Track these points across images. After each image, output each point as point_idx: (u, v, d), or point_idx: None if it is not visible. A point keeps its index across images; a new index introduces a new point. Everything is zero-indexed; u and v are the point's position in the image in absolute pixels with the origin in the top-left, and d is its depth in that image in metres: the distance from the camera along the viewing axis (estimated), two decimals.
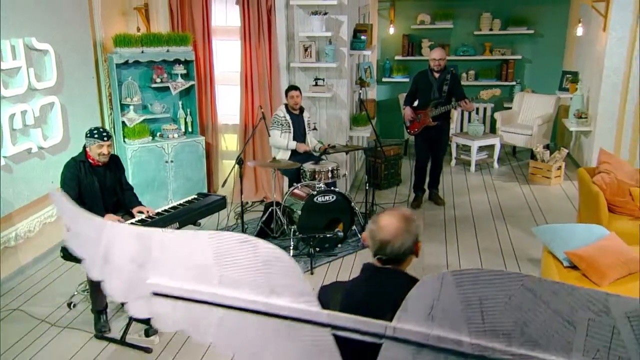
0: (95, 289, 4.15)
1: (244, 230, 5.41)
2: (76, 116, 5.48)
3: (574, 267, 4.16)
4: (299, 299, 1.69)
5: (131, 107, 5.99)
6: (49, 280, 4.95)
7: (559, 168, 7.36)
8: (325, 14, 6.27)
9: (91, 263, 1.89)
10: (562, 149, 7.48)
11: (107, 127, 6.02)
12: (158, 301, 1.83)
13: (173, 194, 6.23)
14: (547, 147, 7.71)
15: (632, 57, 6.78)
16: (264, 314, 1.72)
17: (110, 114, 6.11)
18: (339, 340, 1.66)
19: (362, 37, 6.79)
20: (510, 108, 8.60)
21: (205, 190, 6.37)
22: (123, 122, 5.97)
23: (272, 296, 1.70)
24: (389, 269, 1.99)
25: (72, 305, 4.50)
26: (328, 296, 1.91)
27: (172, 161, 6.18)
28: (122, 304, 3.55)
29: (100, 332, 4.13)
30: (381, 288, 1.94)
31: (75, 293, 4.59)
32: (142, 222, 4.09)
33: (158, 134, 6.27)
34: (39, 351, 3.97)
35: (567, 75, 8.18)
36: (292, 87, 5.86)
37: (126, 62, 5.86)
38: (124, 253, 1.83)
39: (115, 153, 4.88)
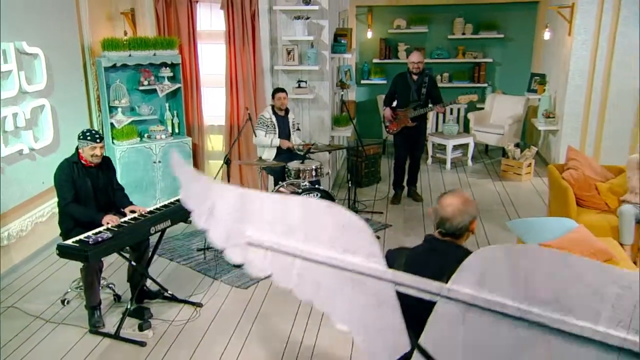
0: (89, 285, 4.14)
1: None
2: (66, 118, 5.43)
3: None
4: (369, 258, 1.93)
5: (119, 109, 5.96)
6: (42, 278, 4.91)
7: (529, 165, 7.52)
8: (307, 18, 6.32)
9: (198, 215, 2.13)
10: (532, 147, 7.63)
11: (95, 128, 5.98)
12: (251, 250, 2.09)
13: (161, 193, 6.21)
14: (517, 145, 7.85)
15: (595, 59, 6.95)
16: (339, 268, 1.97)
17: (99, 116, 6.07)
18: (399, 295, 1.90)
19: (343, 40, 6.84)
20: (482, 109, 8.74)
21: None
22: (111, 124, 5.93)
23: (347, 254, 1.95)
24: (447, 241, 2.28)
25: (65, 302, 4.47)
26: (394, 258, 2.12)
27: (159, 161, 6.16)
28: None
29: (95, 327, 4.11)
30: (439, 256, 2.20)
31: (69, 290, 4.55)
32: (135, 220, 4.09)
33: (146, 135, 6.24)
34: (35, 347, 3.94)
35: (535, 78, 8.33)
36: (279, 90, 5.88)
37: (114, 66, 5.84)
38: (226, 208, 2.09)
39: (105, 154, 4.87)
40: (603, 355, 1.62)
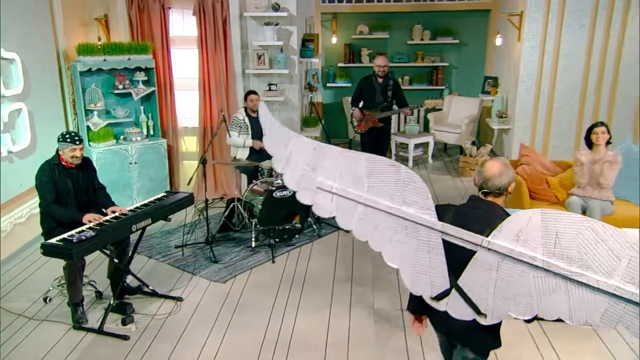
0: (71, 282, 4.12)
1: (209, 231, 5.43)
2: (42, 121, 5.36)
3: None
4: (423, 210, 2.28)
5: (95, 112, 5.91)
6: (23, 277, 4.85)
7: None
8: (277, 24, 6.39)
9: (278, 160, 2.45)
10: (487, 144, 7.84)
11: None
12: (320, 194, 2.42)
13: (137, 193, 6.17)
14: (473, 143, 8.07)
15: (542, 64, 7.16)
16: (397, 216, 2.31)
17: (75, 119, 5.99)
18: (444, 242, 2.27)
19: (310, 45, 6.95)
20: (440, 109, 8.92)
21: (168, 189, 6.36)
22: (88, 127, 5.87)
23: (404, 206, 2.30)
24: (488, 201, 2.49)
25: (48, 299, 4.43)
26: (443, 212, 2.36)
27: (135, 162, 6.13)
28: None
29: (78, 323, 4.10)
30: (481, 213, 2.41)
31: (51, 288, 4.51)
32: (116, 219, 4.08)
33: (121, 137, 6.20)
34: (19, 343, 3.91)
35: (489, 80, 8.57)
36: (251, 92, 5.91)
37: (89, 70, 5.79)
38: (302, 158, 2.41)
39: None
40: (613, 304, 1.97)
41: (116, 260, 4.21)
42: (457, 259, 2.27)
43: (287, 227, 5.51)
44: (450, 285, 2.32)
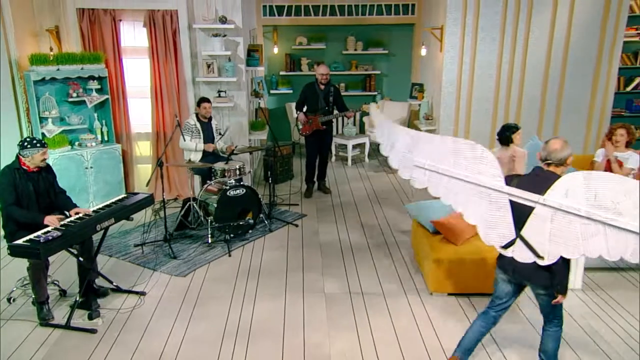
0: (36, 282, 4.02)
1: (166, 229, 5.39)
2: None
3: (437, 232, 4.66)
4: (494, 178, 2.95)
5: (49, 120, 5.73)
6: None
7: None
8: (224, 35, 6.43)
9: (385, 147, 3.39)
10: None
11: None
12: (416, 170, 3.24)
13: (94, 196, 6.03)
14: None
15: (461, 72, 7.45)
16: (473, 183, 3.00)
17: (29, 126, 5.77)
18: (511, 202, 2.90)
19: (255, 55, 7.02)
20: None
21: (123, 191, 6.25)
22: (42, 134, 5.67)
23: (479, 175, 2.97)
24: (549, 171, 2.97)
25: (12, 300, 4.30)
26: (509, 180, 3.00)
27: (91, 167, 5.99)
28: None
29: (45, 320, 4.02)
30: (542, 179, 2.90)
31: (14, 289, 4.37)
32: (80, 220, 4.02)
33: (76, 143, 6.03)
34: None
35: (416, 87, 8.83)
36: (204, 99, 5.90)
37: (43, 79, 5.60)
38: (403, 144, 3.29)
39: None
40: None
41: (81, 259, 4.15)
42: (521, 215, 2.88)
43: (241, 223, 5.57)
44: (515, 236, 2.91)
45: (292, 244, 5.52)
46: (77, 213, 4.14)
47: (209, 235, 5.43)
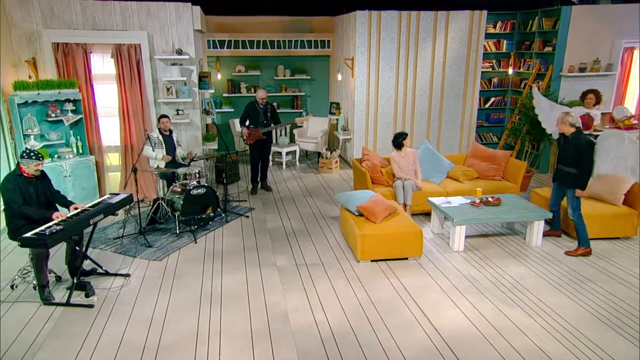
0: (39, 269, 4.11)
1: (140, 224, 5.49)
2: None
3: (360, 215, 5.03)
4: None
5: (32, 137, 5.68)
6: None
7: (336, 162, 8.50)
8: (181, 64, 6.64)
9: (548, 125, 5.36)
10: (337, 150, 8.67)
11: (10, 153, 5.61)
12: (551, 126, 5.41)
13: (73, 200, 5.99)
14: (327, 149, 8.82)
15: (369, 93, 8.05)
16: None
17: (12, 143, 5.68)
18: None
19: (206, 80, 7.26)
20: (302, 126, 9.61)
21: (97, 195, 6.28)
22: (26, 148, 5.58)
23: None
24: (580, 133, 4.79)
25: (14, 286, 4.32)
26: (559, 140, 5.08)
27: (70, 175, 5.99)
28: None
29: (47, 300, 4.10)
30: (574, 137, 4.82)
31: (16, 277, 4.39)
32: (77, 215, 4.15)
33: (56, 155, 6.00)
34: None
35: (333, 104, 9.38)
36: (163, 116, 5.98)
37: (25, 102, 5.56)
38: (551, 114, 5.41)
39: None
40: None
41: (77, 247, 4.29)
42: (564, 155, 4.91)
43: (202, 216, 5.78)
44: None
45: (245, 231, 5.73)
46: (75, 208, 4.27)
47: (177, 227, 5.63)
